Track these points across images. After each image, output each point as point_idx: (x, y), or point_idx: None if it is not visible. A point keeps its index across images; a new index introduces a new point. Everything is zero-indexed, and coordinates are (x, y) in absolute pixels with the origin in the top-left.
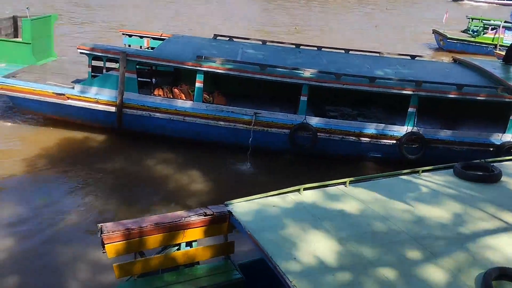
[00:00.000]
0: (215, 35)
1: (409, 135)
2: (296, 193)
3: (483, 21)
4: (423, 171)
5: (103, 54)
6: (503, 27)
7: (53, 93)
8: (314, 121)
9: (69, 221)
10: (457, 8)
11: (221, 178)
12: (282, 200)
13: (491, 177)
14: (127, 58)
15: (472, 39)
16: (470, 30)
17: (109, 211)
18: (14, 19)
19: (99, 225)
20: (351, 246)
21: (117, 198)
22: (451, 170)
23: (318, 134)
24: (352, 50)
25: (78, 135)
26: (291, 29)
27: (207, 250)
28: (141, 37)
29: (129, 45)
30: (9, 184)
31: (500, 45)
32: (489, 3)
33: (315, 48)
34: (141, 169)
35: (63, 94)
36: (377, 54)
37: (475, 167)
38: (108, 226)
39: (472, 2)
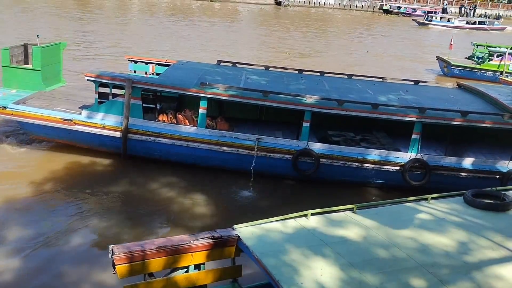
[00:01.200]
0: (219, 61)
1: (413, 161)
2: (304, 218)
3: (488, 48)
4: (432, 198)
5: (109, 81)
6: (509, 54)
7: (61, 118)
8: (317, 147)
9: (75, 243)
10: (428, 32)
11: (224, 202)
12: (290, 225)
13: (502, 205)
14: (132, 85)
15: (477, 65)
16: (475, 56)
17: (114, 233)
18: (25, 47)
19: (110, 246)
20: (357, 273)
21: (122, 220)
22: (461, 197)
23: (321, 160)
24: (354, 75)
25: (84, 159)
26: (282, 53)
27: (215, 273)
28: (147, 63)
29: (135, 71)
30: (16, 206)
31: (506, 72)
32: (454, 27)
33: (318, 74)
34: (146, 192)
35: (71, 120)
36: (380, 79)
37: (486, 195)
38: (118, 247)
39: (438, 27)
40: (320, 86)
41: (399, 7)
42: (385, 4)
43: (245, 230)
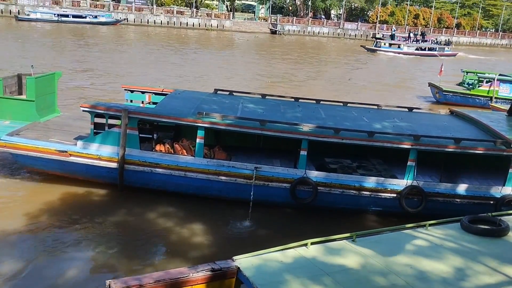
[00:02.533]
0: (216, 90)
1: (409, 188)
2: (303, 247)
3: (478, 74)
4: (430, 224)
5: (105, 112)
6: (497, 80)
7: (55, 150)
8: (314, 175)
9: (71, 274)
10: (375, 58)
11: (223, 231)
12: (290, 255)
13: (498, 231)
14: (129, 115)
15: (468, 91)
16: (465, 83)
17: (111, 264)
18: (19, 77)
19: (107, 281)
20: None
21: (119, 251)
22: (458, 223)
23: (319, 188)
24: (350, 102)
25: (79, 190)
26: (267, 81)
27: None
28: (143, 92)
29: (131, 100)
30: (11, 239)
31: (496, 97)
32: (403, 53)
33: (314, 101)
34: (143, 222)
35: (66, 151)
36: (375, 107)
37: (482, 221)
38: (116, 282)
39: (387, 53)
40: (316, 114)
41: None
42: (378, 33)
43: (245, 261)
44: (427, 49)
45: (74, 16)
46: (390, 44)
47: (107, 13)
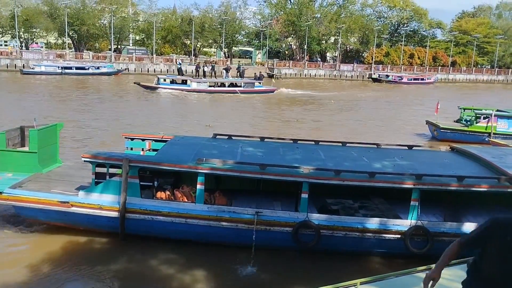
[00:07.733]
0: (215, 134)
1: (413, 229)
2: None
3: (475, 111)
4: None
5: (106, 162)
6: (495, 115)
7: (57, 201)
8: (316, 218)
9: None
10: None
11: (225, 278)
12: None
13: None
14: (129, 164)
15: (465, 128)
16: (463, 119)
17: None
18: (22, 129)
19: None
20: None
21: None
22: (466, 264)
23: (321, 231)
24: (349, 142)
25: (81, 238)
26: (206, 124)
27: None
28: (143, 139)
29: (131, 148)
30: None
31: (494, 133)
32: (191, 91)
33: (312, 142)
34: (145, 270)
35: (67, 202)
36: (375, 146)
37: None
38: None
39: (170, 90)
40: (316, 155)
41: (387, 76)
42: (374, 73)
43: None
44: (226, 85)
45: (77, 68)
46: (173, 81)
47: (109, 63)
